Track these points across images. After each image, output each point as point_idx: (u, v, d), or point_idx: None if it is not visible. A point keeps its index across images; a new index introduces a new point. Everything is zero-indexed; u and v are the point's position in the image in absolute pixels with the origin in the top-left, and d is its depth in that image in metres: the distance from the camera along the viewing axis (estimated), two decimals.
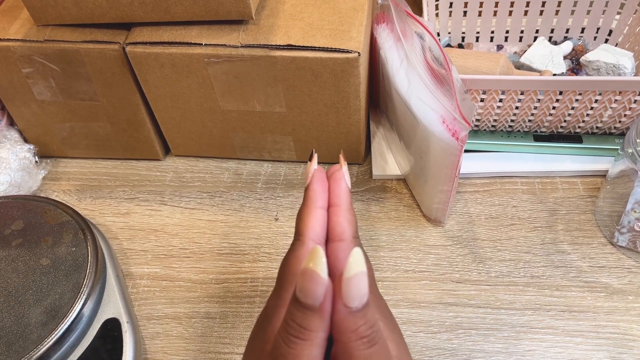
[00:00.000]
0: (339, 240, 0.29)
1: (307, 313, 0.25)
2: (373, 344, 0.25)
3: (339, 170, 0.32)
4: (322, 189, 0.31)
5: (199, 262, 0.50)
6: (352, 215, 0.31)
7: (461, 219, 0.51)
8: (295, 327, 0.25)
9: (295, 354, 0.25)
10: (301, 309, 0.25)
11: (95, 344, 0.42)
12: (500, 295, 0.46)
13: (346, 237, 0.29)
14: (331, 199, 0.31)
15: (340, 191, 0.31)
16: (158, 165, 0.59)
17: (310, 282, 0.24)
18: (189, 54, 0.46)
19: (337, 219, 0.30)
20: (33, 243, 0.45)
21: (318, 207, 0.30)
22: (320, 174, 0.32)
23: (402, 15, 0.46)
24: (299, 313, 0.25)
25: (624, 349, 0.42)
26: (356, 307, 0.24)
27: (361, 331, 0.25)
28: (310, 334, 0.25)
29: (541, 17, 0.63)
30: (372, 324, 0.25)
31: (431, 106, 0.43)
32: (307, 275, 0.24)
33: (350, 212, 0.31)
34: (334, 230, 0.30)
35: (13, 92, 0.53)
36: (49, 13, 0.47)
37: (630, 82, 0.47)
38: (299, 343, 0.25)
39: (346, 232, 0.30)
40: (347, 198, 0.31)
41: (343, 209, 0.30)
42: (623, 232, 0.47)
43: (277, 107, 0.50)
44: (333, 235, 0.30)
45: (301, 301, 0.25)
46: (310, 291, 0.24)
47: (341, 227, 0.30)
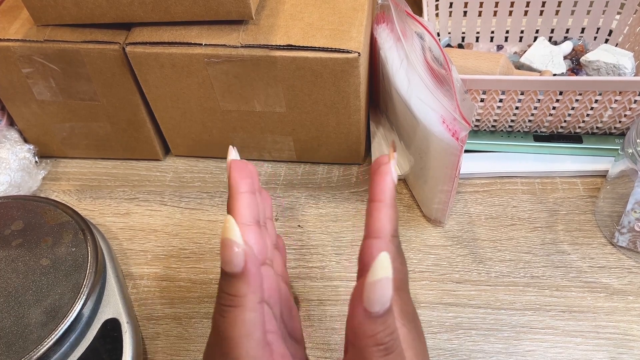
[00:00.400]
0: (376, 237, 0.29)
1: (232, 280, 0.25)
2: (389, 353, 0.24)
3: (387, 164, 0.30)
4: (240, 175, 0.31)
5: (199, 262, 0.50)
6: (394, 212, 0.30)
7: (461, 219, 0.51)
8: (225, 297, 0.26)
9: (229, 321, 0.25)
10: (227, 278, 0.26)
11: (95, 344, 0.42)
12: (501, 295, 0.46)
13: (384, 235, 0.29)
14: (375, 194, 0.30)
15: (384, 186, 0.30)
16: (158, 165, 0.59)
17: (227, 250, 0.25)
18: (189, 54, 0.46)
19: (378, 214, 0.29)
20: (33, 243, 0.45)
21: (241, 192, 0.31)
22: (238, 163, 0.32)
23: (402, 15, 0.46)
24: (225, 282, 0.26)
25: (624, 349, 0.42)
26: (377, 313, 0.24)
27: (379, 338, 0.24)
28: (240, 299, 0.25)
29: (541, 17, 0.63)
30: (391, 331, 0.24)
31: (431, 106, 0.43)
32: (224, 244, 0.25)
33: (392, 208, 0.30)
34: (372, 226, 0.29)
35: (13, 92, 0.53)
36: (49, 13, 0.47)
37: (631, 82, 0.47)
38: (231, 310, 0.25)
39: (385, 229, 0.29)
40: (391, 194, 0.30)
41: (385, 205, 0.29)
42: (623, 232, 0.47)
43: (277, 107, 0.50)
44: (371, 231, 0.29)
45: (225, 270, 0.25)
46: (230, 258, 0.25)
47: (380, 224, 0.29)
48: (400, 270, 0.30)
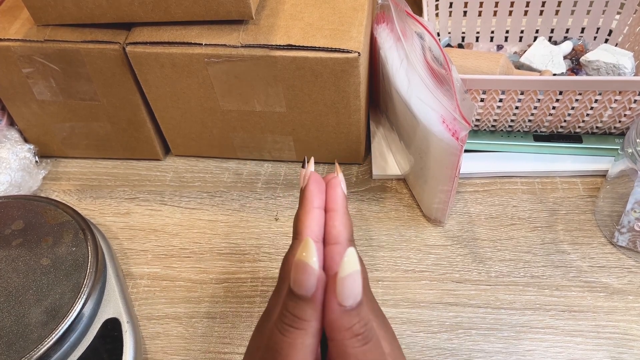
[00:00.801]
0: (335, 243, 0.30)
1: (300, 303, 0.25)
2: (367, 342, 0.26)
3: (336, 177, 0.33)
4: (318, 190, 0.32)
5: (199, 262, 0.50)
6: (348, 219, 0.31)
7: (461, 218, 0.51)
8: (290, 317, 0.26)
9: (290, 342, 0.25)
10: (295, 299, 0.26)
11: (95, 344, 0.42)
12: (500, 295, 0.46)
13: (342, 240, 0.30)
14: (328, 204, 0.32)
15: (336, 196, 0.32)
16: (158, 165, 0.59)
17: (302, 273, 0.25)
18: (189, 54, 0.46)
19: (333, 222, 0.31)
20: (33, 243, 0.45)
21: (315, 207, 0.31)
22: (316, 176, 0.32)
23: (402, 15, 0.46)
24: (293, 303, 0.26)
25: (624, 349, 0.42)
26: (350, 306, 0.25)
27: (355, 329, 0.25)
28: (304, 323, 0.25)
29: (541, 17, 0.63)
30: (366, 322, 0.26)
31: (431, 106, 0.43)
32: (299, 266, 0.25)
33: (346, 216, 0.31)
34: (330, 233, 0.31)
35: (13, 92, 0.53)
36: (49, 13, 0.47)
37: (630, 82, 0.47)
38: (293, 332, 0.25)
39: (342, 235, 0.30)
40: (343, 203, 0.32)
41: (339, 213, 0.31)
42: (623, 232, 0.47)
43: (277, 107, 0.50)
44: (329, 238, 0.30)
45: (295, 292, 0.25)
46: (303, 281, 0.25)
47: (337, 231, 0.30)
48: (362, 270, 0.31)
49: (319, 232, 0.30)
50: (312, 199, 0.31)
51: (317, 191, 0.32)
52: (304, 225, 0.30)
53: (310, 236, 0.30)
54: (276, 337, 0.26)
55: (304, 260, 0.25)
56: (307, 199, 0.31)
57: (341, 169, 0.34)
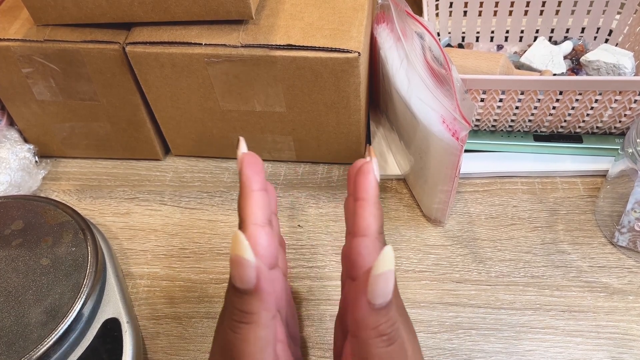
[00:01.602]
0: (363, 236, 0.29)
1: (245, 297, 0.25)
2: (392, 342, 0.25)
3: (369, 163, 0.30)
4: (254, 171, 0.30)
5: (199, 262, 0.50)
6: (379, 209, 0.30)
7: (461, 219, 0.51)
8: (237, 313, 0.25)
9: (242, 338, 0.25)
10: (238, 294, 0.25)
11: (95, 344, 0.42)
12: (501, 295, 0.46)
13: (370, 233, 0.29)
14: (358, 192, 0.30)
15: (367, 184, 0.30)
16: (158, 165, 0.59)
17: (239, 268, 0.24)
18: (189, 54, 0.46)
19: (363, 212, 0.29)
20: (33, 243, 0.45)
21: (254, 190, 0.29)
22: (251, 158, 0.31)
23: (402, 15, 0.46)
24: (237, 299, 0.25)
25: (624, 349, 0.42)
26: (380, 305, 0.24)
27: (382, 329, 0.25)
28: (253, 316, 0.25)
29: (541, 17, 0.63)
30: (393, 322, 0.25)
31: (431, 106, 0.43)
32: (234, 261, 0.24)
33: (376, 206, 0.30)
34: (358, 224, 0.29)
35: (13, 92, 0.53)
36: (49, 13, 0.47)
37: (631, 82, 0.47)
38: (244, 327, 0.25)
39: (371, 227, 0.29)
40: (374, 192, 0.30)
41: (370, 203, 0.29)
42: (623, 232, 0.47)
43: (277, 107, 0.50)
44: (357, 229, 0.29)
45: (237, 287, 0.25)
46: (242, 276, 0.24)
47: (366, 222, 0.29)
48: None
49: (263, 216, 0.29)
50: (249, 182, 0.29)
51: (253, 173, 0.30)
52: (246, 212, 0.29)
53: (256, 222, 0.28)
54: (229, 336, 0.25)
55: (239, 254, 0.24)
56: (244, 183, 0.30)
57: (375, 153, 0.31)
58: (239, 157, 0.31)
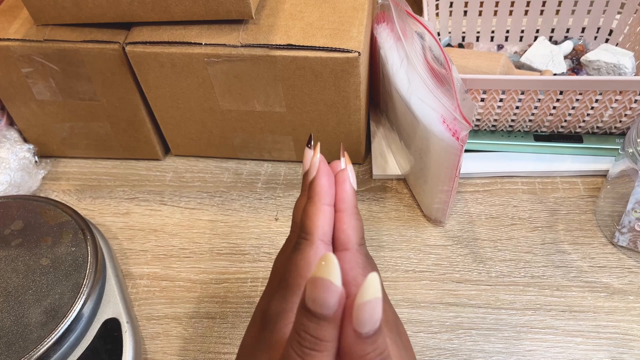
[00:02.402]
0: (343, 250, 0.27)
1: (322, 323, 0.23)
2: None
3: (344, 170, 0.29)
4: (329, 184, 0.28)
5: (199, 262, 0.50)
6: (358, 220, 0.28)
7: (461, 219, 0.51)
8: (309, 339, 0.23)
9: None
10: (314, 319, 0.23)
11: (95, 344, 0.42)
12: (501, 295, 0.46)
13: (351, 246, 0.28)
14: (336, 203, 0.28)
15: (344, 194, 0.28)
16: (158, 165, 0.59)
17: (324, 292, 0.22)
18: (189, 54, 0.46)
19: (341, 225, 0.28)
20: (33, 243, 0.45)
21: (325, 204, 0.28)
22: (327, 168, 0.29)
23: (402, 15, 0.46)
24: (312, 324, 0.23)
25: (625, 349, 0.42)
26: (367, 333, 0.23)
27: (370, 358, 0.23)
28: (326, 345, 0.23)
29: (542, 17, 0.62)
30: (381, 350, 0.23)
31: (431, 106, 0.43)
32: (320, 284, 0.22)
33: (355, 217, 0.28)
34: (338, 238, 0.28)
35: (13, 92, 0.53)
36: (48, 13, 0.47)
37: (631, 82, 0.47)
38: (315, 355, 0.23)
39: (351, 240, 0.28)
40: (352, 202, 0.28)
41: (348, 215, 0.28)
42: (623, 232, 0.47)
43: (277, 107, 0.50)
44: (337, 243, 0.28)
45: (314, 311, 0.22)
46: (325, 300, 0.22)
47: (345, 235, 0.28)
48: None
49: (329, 232, 0.27)
50: (324, 194, 0.28)
51: (329, 186, 0.28)
52: (315, 225, 0.27)
53: (322, 239, 0.27)
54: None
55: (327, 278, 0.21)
56: (319, 194, 0.27)
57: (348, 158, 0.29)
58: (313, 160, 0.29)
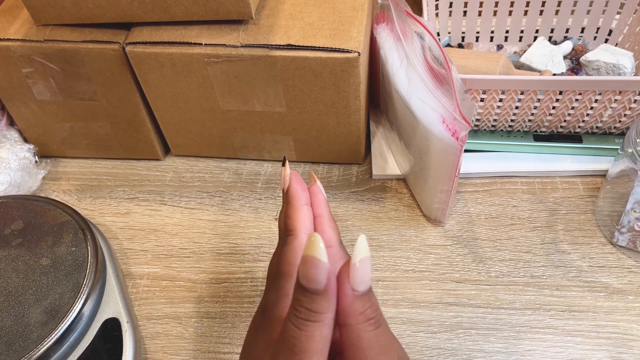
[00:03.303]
0: (328, 247, 0.31)
1: (314, 297, 0.26)
2: (379, 325, 0.27)
3: (314, 184, 0.35)
4: (302, 188, 0.34)
5: (199, 262, 0.50)
6: (334, 223, 0.34)
7: (461, 218, 0.51)
8: (304, 312, 0.26)
9: (307, 334, 0.26)
10: (307, 294, 0.26)
11: (95, 344, 0.42)
12: (500, 295, 0.46)
13: (334, 243, 0.33)
14: (314, 210, 0.34)
15: (320, 203, 0.34)
16: (158, 165, 0.59)
17: (313, 268, 0.25)
18: (189, 54, 0.46)
19: (323, 227, 0.33)
20: (33, 243, 0.45)
21: (303, 204, 0.33)
22: (297, 176, 0.35)
23: (402, 15, 0.46)
24: (306, 299, 0.26)
25: (624, 349, 0.42)
26: (362, 291, 0.26)
27: (368, 313, 0.26)
28: (320, 316, 0.26)
29: (541, 17, 0.63)
30: (377, 307, 0.27)
31: (431, 106, 0.43)
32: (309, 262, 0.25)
33: (332, 220, 0.34)
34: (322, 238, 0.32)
35: (13, 92, 0.53)
36: (48, 13, 0.47)
37: (630, 82, 0.47)
38: (311, 325, 0.26)
39: (333, 238, 0.33)
40: (327, 208, 0.34)
41: (326, 218, 0.33)
42: (623, 231, 0.47)
43: (277, 107, 0.50)
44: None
45: (307, 287, 0.26)
46: (315, 276, 0.25)
47: (328, 235, 0.33)
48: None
49: (311, 228, 0.32)
50: (299, 196, 0.33)
51: (302, 189, 0.34)
52: (297, 221, 0.32)
53: (305, 232, 0.32)
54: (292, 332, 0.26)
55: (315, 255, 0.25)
56: (295, 197, 0.33)
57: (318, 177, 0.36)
58: (285, 174, 0.35)
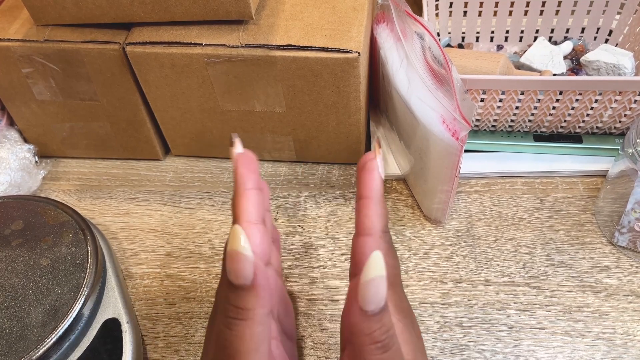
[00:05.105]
0: (367, 235, 0.28)
1: (241, 293, 0.24)
2: (387, 350, 0.24)
3: (373, 160, 0.30)
4: (248, 170, 0.30)
5: (199, 262, 0.50)
6: (383, 208, 0.30)
7: (461, 219, 0.51)
8: (233, 309, 0.24)
9: (237, 334, 0.24)
10: (234, 290, 0.24)
11: (95, 344, 0.42)
12: (501, 295, 0.46)
13: (374, 232, 0.29)
14: (362, 190, 0.30)
15: (372, 182, 0.30)
16: (158, 165, 0.59)
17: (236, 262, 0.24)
18: (189, 54, 0.46)
19: (367, 211, 0.29)
20: (33, 243, 0.45)
21: (248, 189, 0.30)
22: (245, 157, 0.31)
23: (402, 15, 0.46)
24: (233, 295, 0.24)
25: (624, 349, 0.42)
26: (372, 311, 0.24)
27: (375, 336, 0.24)
28: (248, 313, 0.24)
29: (541, 17, 0.63)
30: (388, 328, 0.24)
31: (431, 106, 0.43)
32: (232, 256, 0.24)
33: (381, 204, 0.29)
34: (362, 223, 0.29)
35: (13, 92, 0.53)
36: (48, 13, 0.47)
37: (630, 82, 0.47)
38: (239, 324, 0.24)
39: (375, 226, 0.29)
40: (379, 190, 0.30)
41: (374, 202, 0.29)
42: (623, 232, 0.47)
43: (277, 107, 0.50)
44: (361, 228, 0.29)
45: (233, 283, 0.24)
46: (238, 271, 0.24)
47: (370, 221, 0.29)
48: (392, 266, 0.30)
49: (256, 214, 0.29)
50: (244, 180, 0.30)
51: (247, 171, 0.30)
52: (240, 209, 0.29)
53: (249, 219, 0.28)
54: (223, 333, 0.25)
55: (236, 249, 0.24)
56: (238, 181, 0.30)
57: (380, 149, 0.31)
58: (233, 156, 0.31)
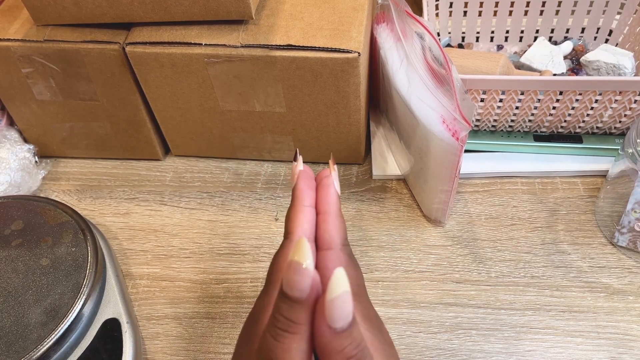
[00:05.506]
0: (327, 249, 0.29)
1: (295, 306, 0.24)
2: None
3: (328, 177, 0.31)
4: (308, 187, 0.31)
5: (199, 262, 0.50)
6: (341, 222, 0.30)
7: (461, 219, 0.51)
8: (283, 321, 0.24)
9: (284, 347, 0.24)
10: (288, 302, 0.24)
11: (95, 344, 0.42)
12: (501, 295, 0.46)
13: (335, 245, 0.29)
14: (319, 205, 0.30)
15: (329, 198, 0.31)
16: (158, 165, 0.59)
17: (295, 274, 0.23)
18: (189, 54, 0.46)
19: (326, 226, 0.30)
20: (33, 243, 0.45)
21: (305, 206, 0.30)
22: (306, 174, 0.31)
23: (402, 15, 0.46)
24: (286, 306, 0.24)
25: (624, 349, 0.42)
26: (341, 328, 0.23)
27: (347, 352, 0.24)
28: (299, 327, 0.24)
29: (541, 17, 0.63)
30: (359, 342, 0.24)
31: (431, 106, 0.43)
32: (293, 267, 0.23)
33: (339, 219, 0.30)
34: (322, 238, 0.29)
35: (13, 92, 0.53)
36: (48, 13, 0.47)
37: (631, 82, 0.47)
38: (288, 337, 0.24)
39: (335, 240, 0.29)
40: (335, 205, 0.31)
41: (332, 216, 0.30)
42: (623, 232, 0.47)
43: (277, 107, 0.50)
44: (321, 243, 0.29)
45: (288, 294, 0.24)
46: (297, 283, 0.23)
47: (329, 235, 0.29)
48: (355, 277, 0.30)
49: (311, 231, 0.29)
50: (303, 196, 0.30)
51: (307, 188, 0.31)
52: (295, 224, 0.29)
53: (301, 235, 0.29)
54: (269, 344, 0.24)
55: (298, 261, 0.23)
56: (298, 197, 0.30)
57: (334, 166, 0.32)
58: (294, 171, 0.31)
